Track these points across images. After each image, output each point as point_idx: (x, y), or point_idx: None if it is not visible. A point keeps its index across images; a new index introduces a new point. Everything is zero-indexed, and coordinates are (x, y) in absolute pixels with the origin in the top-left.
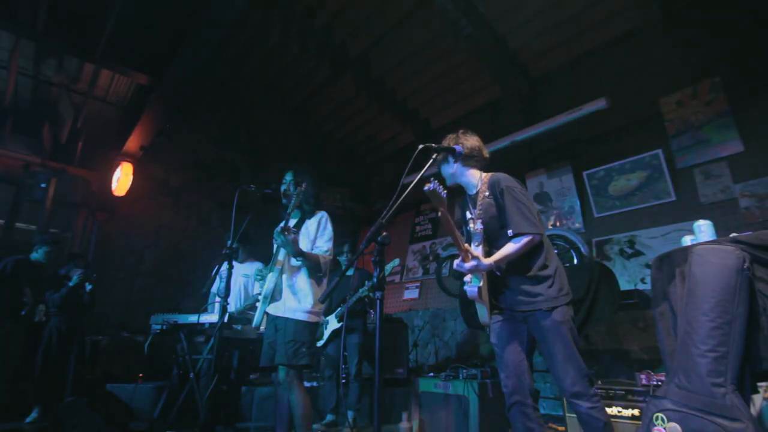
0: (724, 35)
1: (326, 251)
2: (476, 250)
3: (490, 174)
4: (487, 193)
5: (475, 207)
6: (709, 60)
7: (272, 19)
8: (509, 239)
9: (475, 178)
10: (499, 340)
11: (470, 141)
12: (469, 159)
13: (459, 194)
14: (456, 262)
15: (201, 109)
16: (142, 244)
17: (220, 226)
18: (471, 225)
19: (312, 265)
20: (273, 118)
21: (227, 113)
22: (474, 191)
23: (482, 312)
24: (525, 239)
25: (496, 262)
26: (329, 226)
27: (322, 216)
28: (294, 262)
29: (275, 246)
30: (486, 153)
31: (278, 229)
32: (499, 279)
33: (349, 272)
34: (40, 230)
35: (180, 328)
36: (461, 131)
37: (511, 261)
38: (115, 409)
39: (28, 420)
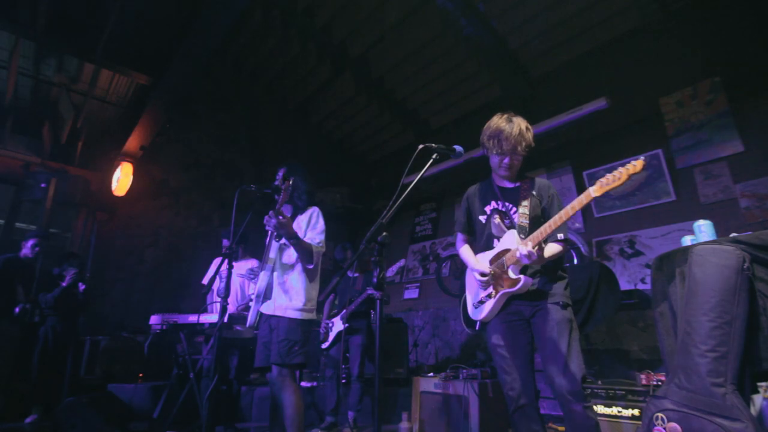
0: (724, 35)
1: (318, 243)
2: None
3: (532, 176)
4: (534, 192)
5: (509, 200)
6: (709, 60)
7: (272, 19)
8: (555, 241)
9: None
10: (505, 340)
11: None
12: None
13: (456, 194)
14: (522, 249)
15: (201, 109)
16: (142, 244)
17: (221, 226)
18: (496, 217)
19: (304, 252)
20: (273, 118)
21: (227, 113)
22: (511, 185)
23: (489, 308)
24: (564, 245)
25: (547, 258)
26: (321, 221)
27: (313, 211)
28: (286, 259)
29: (266, 242)
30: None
31: (269, 214)
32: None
33: (354, 274)
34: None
35: (180, 328)
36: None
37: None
38: (115, 409)
39: (28, 420)
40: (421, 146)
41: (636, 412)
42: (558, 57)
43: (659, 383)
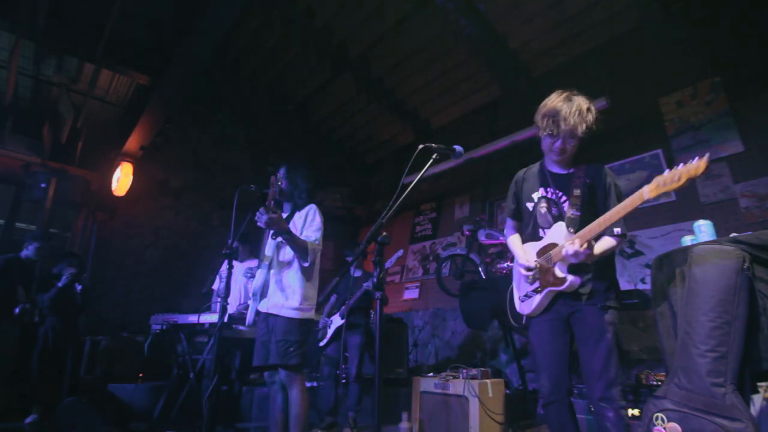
0: (724, 35)
1: (315, 240)
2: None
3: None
4: (588, 180)
5: (560, 187)
6: (709, 60)
7: (272, 19)
8: (611, 235)
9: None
10: (541, 338)
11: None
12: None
13: (456, 194)
14: (569, 247)
15: (201, 109)
16: (142, 244)
17: (221, 226)
18: (543, 206)
19: (299, 249)
20: (273, 118)
21: (227, 113)
22: (564, 171)
23: (536, 303)
24: (620, 240)
25: (597, 255)
26: (318, 218)
27: (310, 208)
28: (283, 256)
29: (264, 241)
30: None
31: (260, 210)
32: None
33: (357, 274)
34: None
35: (180, 328)
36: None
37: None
38: (115, 409)
39: (27, 420)
40: (421, 146)
41: (636, 412)
42: (558, 57)
43: (659, 383)
